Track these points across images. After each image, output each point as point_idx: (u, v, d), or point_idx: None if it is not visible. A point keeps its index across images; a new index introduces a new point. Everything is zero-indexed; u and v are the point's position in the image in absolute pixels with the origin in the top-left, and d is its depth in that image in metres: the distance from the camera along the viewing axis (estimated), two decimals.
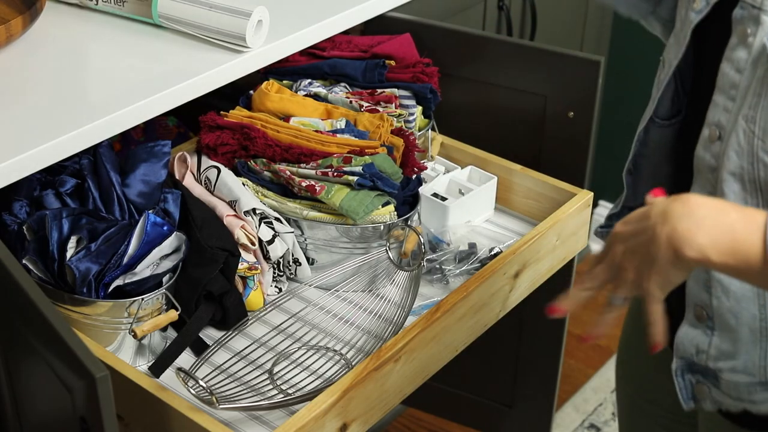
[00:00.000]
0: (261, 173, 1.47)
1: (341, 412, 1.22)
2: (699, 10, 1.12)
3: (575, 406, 2.43)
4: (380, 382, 1.26)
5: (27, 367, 1.13)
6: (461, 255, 1.52)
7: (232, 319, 1.37)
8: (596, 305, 1.08)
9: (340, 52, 1.65)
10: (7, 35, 1.39)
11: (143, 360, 1.34)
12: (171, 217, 1.38)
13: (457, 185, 1.63)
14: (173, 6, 1.49)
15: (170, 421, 1.20)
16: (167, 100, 1.38)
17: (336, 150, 1.45)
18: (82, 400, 1.01)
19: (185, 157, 1.49)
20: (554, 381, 1.92)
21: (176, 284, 1.34)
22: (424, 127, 1.66)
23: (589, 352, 2.54)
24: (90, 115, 1.31)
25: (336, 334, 1.40)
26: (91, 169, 1.37)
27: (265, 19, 1.48)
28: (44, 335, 1.04)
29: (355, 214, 1.39)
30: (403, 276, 1.45)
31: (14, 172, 1.23)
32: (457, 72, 1.72)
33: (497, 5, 2.07)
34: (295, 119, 1.52)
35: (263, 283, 1.43)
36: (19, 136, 1.26)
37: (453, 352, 1.41)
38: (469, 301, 1.38)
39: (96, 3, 1.55)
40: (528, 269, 1.50)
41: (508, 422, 2.03)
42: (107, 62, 1.46)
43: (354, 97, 1.58)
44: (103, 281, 1.27)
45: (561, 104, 1.66)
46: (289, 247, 1.43)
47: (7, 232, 1.32)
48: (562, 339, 1.86)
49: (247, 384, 1.29)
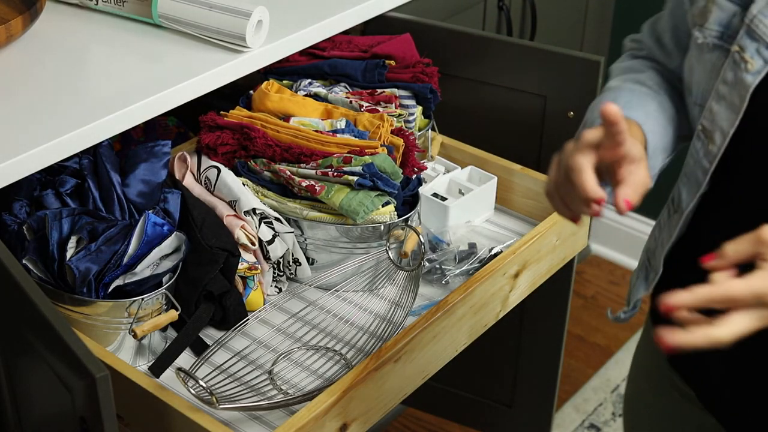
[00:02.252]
0: (261, 173, 1.47)
1: (341, 412, 1.22)
2: (756, 71, 1.00)
3: (575, 406, 2.43)
4: (380, 382, 1.26)
5: (27, 367, 1.13)
6: (461, 255, 1.52)
7: (232, 319, 1.37)
8: (596, 306, 1.06)
9: (340, 52, 1.65)
10: (7, 35, 1.39)
11: (143, 360, 1.34)
12: (171, 217, 1.38)
13: (457, 185, 1.63)
14: (173, 6, 1.49)
15: (170, 421, 1.20)
16: (167, 100, 1.38)
17: (336, 150, 1.45)
18: (82, 400, 1.01)
19: (185, 157, 1.49)
20: (554, 381, 1.92)
21: (176, 284, 1.34)
22: (424, 127, 1.66)
23: (589, 352, 2.55)
24: (90, 115, 1.31)
25: (336, 334, 1.40)
26: (91, 169, 1.37)
27: (265, 19, 1.48)
28: (44, 335, 1.04)
29: (355, 214, 1.39)
30: (403, 276, 1.45)
31: (14, 172, 1.23)
32: (457, 72, 1.72)
33: (497, 5, 2.06)
34: (295, 119, 1.52)
35: (263, 283, 1.43)
36: (19, 136, 1.26)
37: (453, 352, 1.41)
38: (469, 301, 1.39)
39: (96, 3, 1.55)
40: (528, 269, 1.50)
41: (508, 422, 2.03)
42: (107, 62, 1.46)
43: (354, 97, 1.58)
44: (103, 281, 1.27)
45: (561, 104, 1.66)
46: (289, 247, 1.43)
47: (7, 232, 1.32)
48: (562, 339, 1.86)
49: (247, 384, 1.29)
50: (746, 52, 1.00)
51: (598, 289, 2.71)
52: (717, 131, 1.04)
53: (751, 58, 1.00)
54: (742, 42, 1.00)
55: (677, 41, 1.17)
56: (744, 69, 1.00)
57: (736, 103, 1.02)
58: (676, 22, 1.16)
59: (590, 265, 2.80)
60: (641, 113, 1.11)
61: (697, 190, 1.08)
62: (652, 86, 1.16)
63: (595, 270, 2.79)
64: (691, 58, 1.09)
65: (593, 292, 2.70)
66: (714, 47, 1.04)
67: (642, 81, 1.17)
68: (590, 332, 2.57)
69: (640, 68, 1.20)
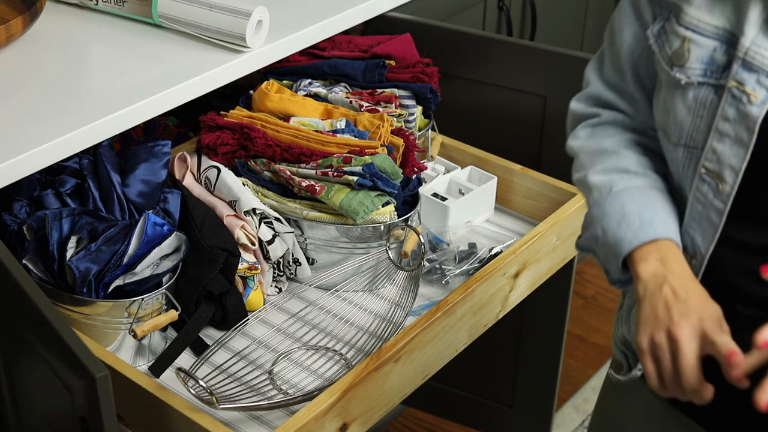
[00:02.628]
0: (261, 173, 1.47)
1: (341, 412, 1.22)
2: (762, 101, 0.97)
3: (575, 406, 2.43)
4: (380, 382, 1.26)
5: (27, 367, 1.13)
6: (461, 255, 1.52)
7: (232, 319, 1.37)
8: (596, 306, 1.06)
9: (340, 52, 1.65)
10: (7, 35, 1.39)
11: (143, 360, 1.34)
12: (171, 217, 1.38)
13: (457, 185, 1.63)
14: (173, 6, 1.49)
15: (170, 421, 1.20)
16: (167, 100, 1.38)
17: (336, 150, 1.45)
18: (82, 400, 1.01)
19: (185, 157, 1.49)
20: (554, 381, 1.92)
21: (176, 284, 1.34)
22: (424, 127, 1.66)
23: (589, 352, 2.55)
24: (90, 115, 1.31)
25: (336, 334, 1.40)
26: (91, 169, 1.37)
27: (265, 19, 1.48)
28: (44, 335, 1.04)
29: (355, 214, 1.39)
30: (403, 276, 1.45)
31: (14, 172, 1.23)
32: (457, 72, 1.72)
33: (497, 5, 2.07)
34: (295, 119, 1.52)
35: (263, 283, 1.43)
36: (19, 136, 1.26)
37: (453, 352, 1.41)
38: (469, 301, 1.38)
39: (96, 3, 1.55)
40: (528, 269, 1.50)
41: (508, 422, 2.03)
42: (107, 62, 1.46)
43: (354, 97, 1.58)
44: (103, 281, 1.27)
45: (561, 104, 1.65)
46: (289, 247, 1.43)
47: (7, 232, 1.32)
48: (562, 339, 1.86)
49: (247, 384, 1.29)
50: (746, 85, 0.98)
51: (598, 289, 2.71)
52: (726, 170, 1.01)
53: (753, 90, 0.97)
54: (738, 76, 0.98)
55: (641, 87, 1.13)
56: (748, 102, 0.98)
57: (743, 138, 0.99)
58: (635, 68, 1.12)
59: (590, 265, 2.80)
60: (661, 226, 1.07)
61: (714, 233, 1.05)
62: (638, 171, 1.11)
63: (595, 270, 2.79)
64: (665, 99, 1.06)
65: (593, 292, 2.70)
66: (699, 84, 1.02)
67: (626, 168, 1.12)
68: (590, 332, 2.57)
69: (612, 148, 1.14)
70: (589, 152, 1.16)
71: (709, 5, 1.01)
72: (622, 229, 1.07)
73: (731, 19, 0.99)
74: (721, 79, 1.00)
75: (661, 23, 1.06)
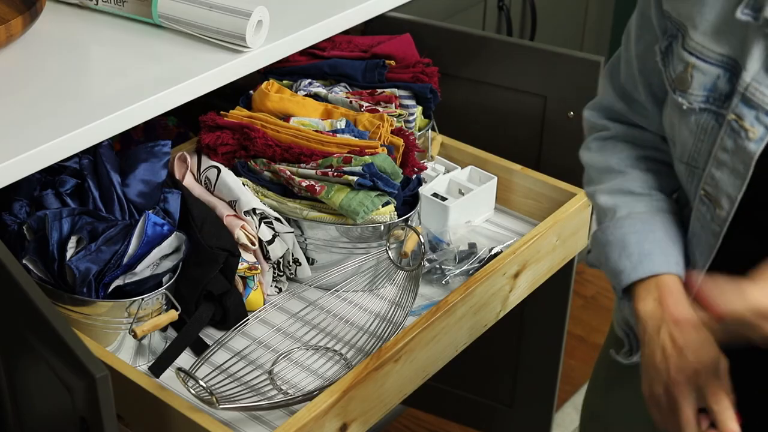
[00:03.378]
0: (261, 173, 1.47)
1: (341, 412, 1.22)
2: (760, 138, 0.96)
3: (575, 406, 2.43)
4: (380, 382, 1.26)
5: (27, 367, 1.13)
6: (461, 255, 1.52)
7: (232, 319, 1.37)
8: (596, 306, 1.07)
9: (340, 52, 1.65)
10: (7, 35, 1.39)
11: (143, 360, 1.34)
12: (171, 217, 1.38)
13: (457, 185, 1.63)
14: (173, 6, 1.49)
15: (170, 421, 1.20)
16: (167, 100, 1.38)
17: (336, 150, 1.45)
18: (82, 400, 1.01)
19: (185, 157, 1.49)
20: (554, 381, 1.92)
21: (176, 284, 1.34)
22: (424, 127, 1.66)
23: (589, 352, 2.54)
24: (90, 115, 1.31)
25: (336, 334, 1.40)
26: (91, 169, 1.37)
27: (265, 19, 1.48)
28: (44, 335, 1.04)
29: (355, 214, 1.39)
30: (403, 276, 1.45)
31: (14, 172, 1.23)
32: (457, 72, 1.72)
33: (497, 5, 2.07)
34: (295, 119, 1.52)
35: (263, 283, 1.43)
36: (19, 136, 1.26)
37: (453, 352, 1.41)
38: (469, 301, 1.39)
39: (96, 3, 1.55)
40: (528, 269, 1.50)
41: (508, 422, 2.03)
42: (107, 62, 1.46)
43: (354, 97, 1.58)
44: (103, 281, 1.27)
45: (561, 104, 1.66)
46: (289, 247, 1.43)
47: (7, 232, 1.32)
48: (562, 339, 1.86)
49: (247, 384, 1.29)
50: (745, 121, 0.97)
51: (598, 289, 2.71)
52: (723, 197, 1.01)
53: (752, 126, 0.96)
54: (738, 111, 0.97)
55: (653, 98, 1.12)
56: (745, 137, 0.97)
57: (740, 171, 0.98)
58: (647, 78, 1.11)
59: None
60: (660, 259, 1.07)
61: (710, 252, 1.05)
62: (643, 192, 1.12)
63: (595, 270, 2.79)
64: (672, 116, 1.06)
65: (593, 292, 2.70)
66: (701, 110, 1.01)
67: (631, 190, 1.12)
68: (590, 332, 2.57)
69: (619, 167, 1.15)
70: (597, 168, 1.17)
71: (714, 32, 0.99)
72: (622, 261, 1.08)
73: (736, 48, 0.98)
74: (722, 108, 0.99)
75: (669, 41, 1.05)
